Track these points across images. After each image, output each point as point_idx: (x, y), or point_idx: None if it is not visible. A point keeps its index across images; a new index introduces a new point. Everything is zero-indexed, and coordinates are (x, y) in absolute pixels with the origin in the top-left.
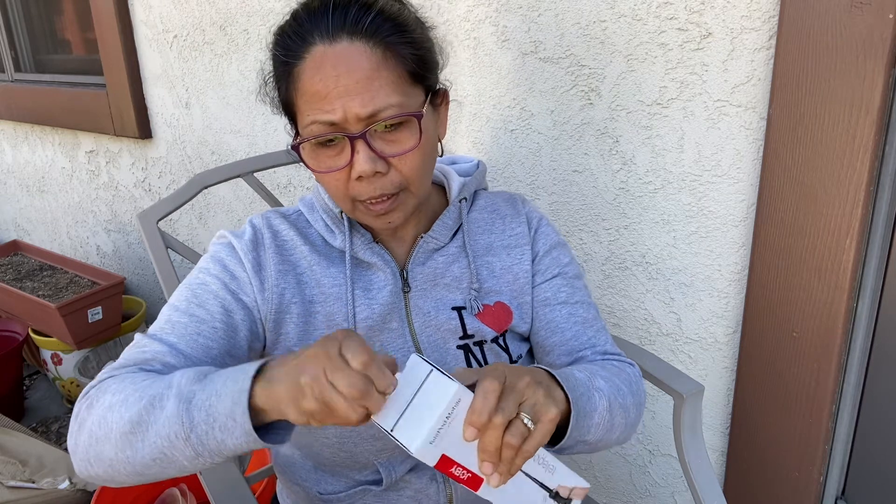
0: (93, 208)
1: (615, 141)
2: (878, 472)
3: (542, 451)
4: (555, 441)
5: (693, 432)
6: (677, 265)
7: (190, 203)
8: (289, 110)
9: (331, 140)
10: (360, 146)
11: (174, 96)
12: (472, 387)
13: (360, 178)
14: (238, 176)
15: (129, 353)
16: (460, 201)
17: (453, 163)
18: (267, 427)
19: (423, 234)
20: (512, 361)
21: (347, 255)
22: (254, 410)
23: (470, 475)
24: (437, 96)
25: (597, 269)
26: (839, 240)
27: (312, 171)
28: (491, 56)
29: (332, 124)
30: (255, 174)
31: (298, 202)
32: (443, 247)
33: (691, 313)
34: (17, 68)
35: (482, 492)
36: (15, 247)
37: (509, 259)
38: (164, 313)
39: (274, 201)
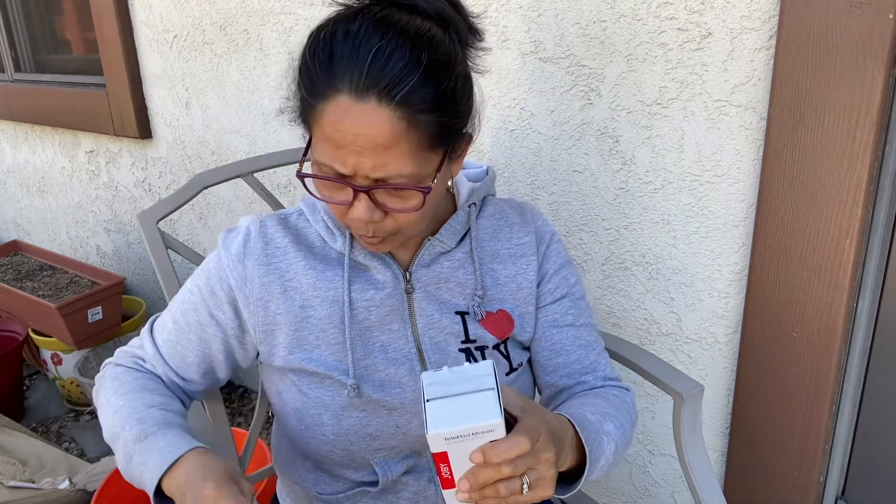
0: (93, 208)
1: (615, 141)
2: (878, 472)
3: None
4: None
5: (693, 432)
6: (677, 265)
7: (190, 203)
8: (305, 124)
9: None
10: (363, 198)
11: (174, 96)
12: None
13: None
14: (238, 176)
15: (134, 341)
16: (469, 206)
17: (462, 167)
18: None
19: (429, 237)
20: (512, 369)
21: (346, 259)
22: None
23: (450, 477)
24: (459, 144)
25: (597, 269)
26: (839, 240)
27: (314, 196)
28: (491, 56)
29: (342, 175)
30: (255, 174)
31: (300, 201)
32: (449, 251)
33: (691, 313)
34: (17, 68)
35: (447, 495)
36: (15, 247)
37: (514, 268)
38: (167, 310)
39: (274, 201)
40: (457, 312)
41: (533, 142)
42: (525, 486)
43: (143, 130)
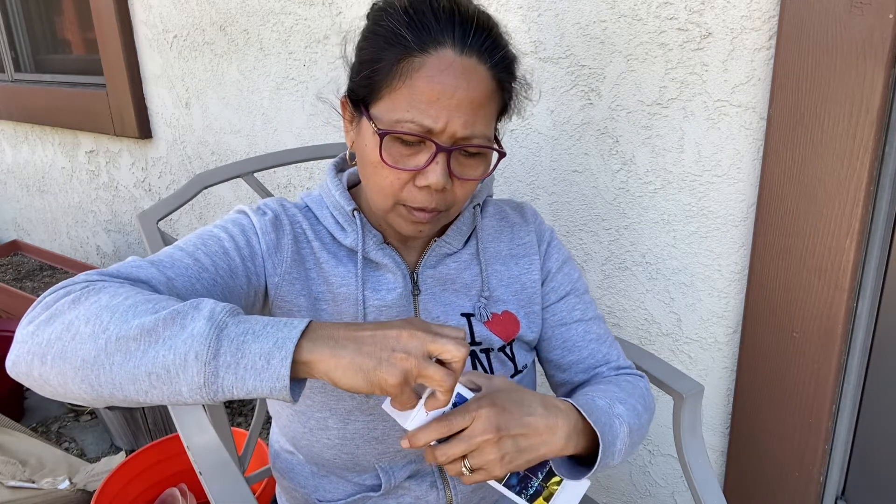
0: (93, 208)
1: (615, 141)
2: (878, 472)
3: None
4: (582, 463)
5: (693, 432)
6: (677, 265)
7: (190, 203)
8: (373, 86)
9: (412, 141)
10: (441, 159)
11: (174, 96)
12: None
13: (424, 186)
14: (238, 176)
15: (123, 266)
16: (474, 207)
17: None
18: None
19: (436, 238)
20: (517, 371)
21: (360, 254)
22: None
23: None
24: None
25: (597, 269)
26: (839, 240)
27: (383, 161)
28: None
29: (429, 130)
30: (255, 174)
31: (303, 197)
32: (455, 252)
33: (691, 313)
34: (17, 68)
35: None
36: (15, 247)
37: (517, 268)
38: (167, 250)
39: None
40: (462, 314)
41: (533, 142)
42: (465, 469)
43: (143, 130)
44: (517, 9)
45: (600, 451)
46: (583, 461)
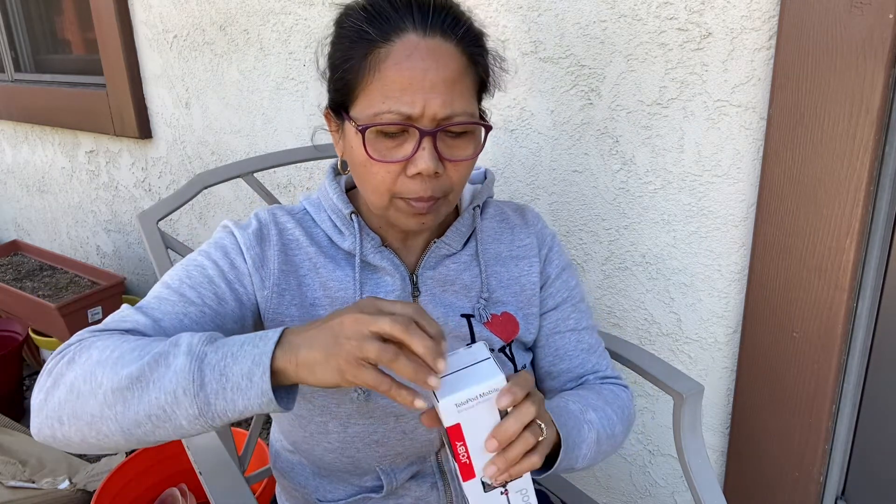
0: (93, 208)
1: (615, 141)
2: (878, 472)
3: (531, 490)
4: (545, 467)
5: (693, 432)
6: (677, 265)
7: (190, 203)
8: (347, 88)
9: (395, 132)
10: (427, 144)
11: (174, 96)
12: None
13: (416, 175)
14: (238, 176)
15: (111, 320)
16: (473, 209)
17: None
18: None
19: (435, 240)
20: (516, 371)
21: (357, 258)
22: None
23: (468, 462)
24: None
25: (597, 269)
26: (839, 240)
27: (369, 156)
28: None
29: (408, 117)
30: (255, 174)
31: (302, 200)
32: (455, 253)
33: (691, 313)
34: (17, 68)
35: (467, 486)
36: (15, 247)
37: (517, 270)
38: (155, 289)
39: (274, 201)
40: (462, 315)
41: (533, 142)
42: (542, 428)
43: (143, 130)
44: (517, 9)
45: (561, 452)
46: (548, 461)
